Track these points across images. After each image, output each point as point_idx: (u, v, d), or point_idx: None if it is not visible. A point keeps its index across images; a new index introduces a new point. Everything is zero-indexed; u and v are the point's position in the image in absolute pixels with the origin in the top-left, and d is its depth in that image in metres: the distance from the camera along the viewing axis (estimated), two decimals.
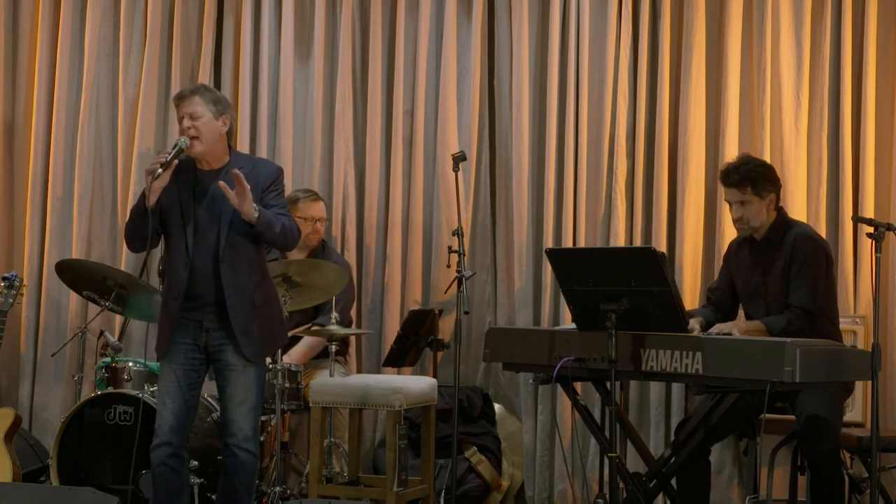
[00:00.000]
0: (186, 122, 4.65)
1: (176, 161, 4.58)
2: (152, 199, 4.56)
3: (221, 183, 4.53)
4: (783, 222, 5.01)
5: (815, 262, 4.89)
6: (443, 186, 6.31)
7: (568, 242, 6.14)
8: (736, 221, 5.02)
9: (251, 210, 4.53)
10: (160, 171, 4.53)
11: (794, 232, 4.97)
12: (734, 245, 5.21)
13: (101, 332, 5.85)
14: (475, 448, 6.05)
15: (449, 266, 5.86)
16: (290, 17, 6.52)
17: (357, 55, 6.51)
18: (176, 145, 4.61)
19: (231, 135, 4.80)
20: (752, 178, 4.95)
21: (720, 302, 5.18)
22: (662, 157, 6.06)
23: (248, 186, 4.50)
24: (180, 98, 4.72)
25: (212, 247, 4.62)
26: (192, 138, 4.63)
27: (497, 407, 6.28)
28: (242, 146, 6.48)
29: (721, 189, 5.93)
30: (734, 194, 4.98)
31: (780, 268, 4.93)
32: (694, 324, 4.88)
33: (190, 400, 4.70)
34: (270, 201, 4.69)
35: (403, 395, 5.34)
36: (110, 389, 5.54)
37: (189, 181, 4.67)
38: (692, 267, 6.00)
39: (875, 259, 4.50)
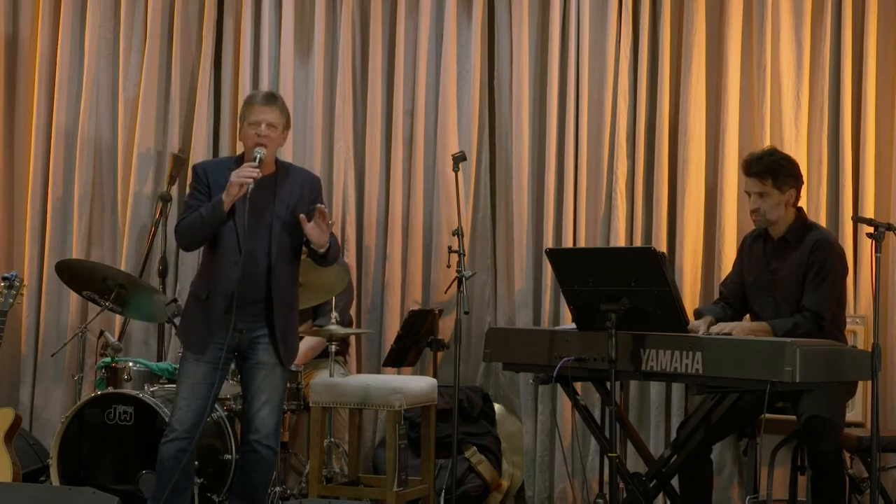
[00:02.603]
0: (265, 129, 4.70)
1: (260, 173, 4.62)
2: (230, 206, 4.59)
3: (302, 216, 4.62)
4: (802, 224, 4.97)
5: (832, 267, 4.86)
6: (443, 186, 6.31)
7: (568, 242, 6.14)
8: (753, 213, 4.96)
9: (326, 242, 4.68)
10: (251, 183, 4.57)
11: (814, 236, 4.91)
12: (748, 239, 5.17)
13: (101, 332, 5.85)
14: (475, 448, 6.05)
15: (449, 266, 5.86)
16: (290, 17, 6.52)
17: (357, 55, 6.51)
18: (256, 157, 4.64)
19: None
20: (773, 170, 4.90)
21: (733, 296, 5.13)
22: (662, 157, 6.06)
23: (332, 223, 4.66)
24: (261, 103, 4.76)
25: (263, 251, 4.69)
26: (264, 146, 4.68)
27: (497, 407, 6.27)
28: None
29: (721, 189, 5.97)
30: (754, 184, 4.92)
31: (794, 269, 4.89)
32: (700, 324, 4.86)
33: (210, 398, 4.75)
34: None
35: (403, 395, 5.35)
36: (110, 389, 5.54)
37: None
38: (692, 267, 6.00)
39: (875, 259, 4.49)
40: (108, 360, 5.69)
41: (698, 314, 5.05)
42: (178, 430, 4.69)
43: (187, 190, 5.01)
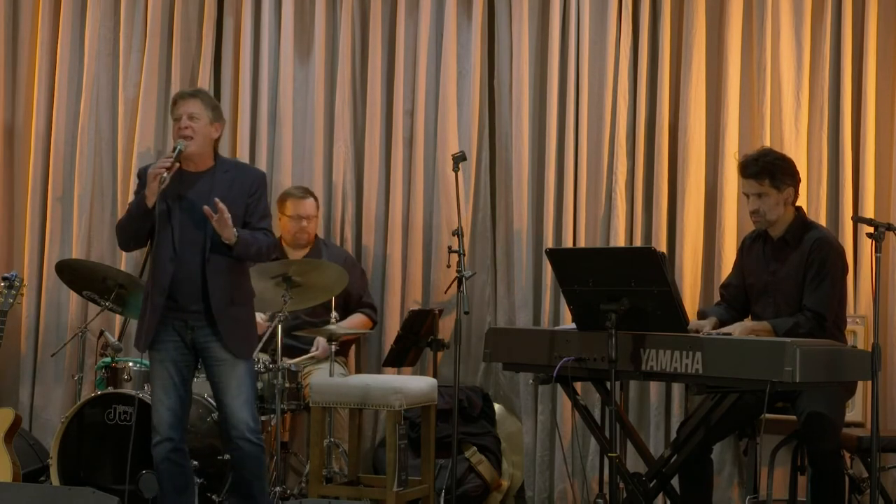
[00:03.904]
0: (185, 122, 4.76)
1: (178, 164, 4.68)
2: (153, 201, 4.65)
3: (206, 208, 4.64)
4: (801, 223, 4.96)
5: (832, 267, 4.85)
6: (443, 186, 6.30)
7: (568, 242, 6.14)
8: (752, 214, 4.96)
9: (231, 235, 4.68)
10: (166, 175, 4.62)
11: (814, 235, 4.91)
12: (747, 240, 5.17)
13: (101, 332, 5.85)
14: (475, 448, 6.05)
15: (449, 266, 5.86)
16: (290, 17, 6.51)
17: (357, 55, 6.51)
18: (175, 148, 4.71)
19: (218, 142, 4.92)
20: (770, 170, 4.90)
21: (733, 298, 5.13)
22: (662, 157, 6.06)
23: (229, 216, 4.64)
24: (181, 97, 4.84)
25: (198, 247, 4.73)
26: (187, 138, 4.73)
27: (497, 407, 6.27)
28: (242, 146, 6.48)
29: (721, 189, 5.97)
30: (751, 186, 4.92)
31: (795, 268, 4.89)
32: (705, 324, 4.85)
33: (184, 395, 4.80)
34: (254, 207, 4.83)
35: (403, 395, 5.35)
36: (110, 389, 5.55)
37: (175, 181, 4.72)
38: (692, 267, 6.00)
39: (875, 259, 4.49)
40: (108, 360, 5.70)
41: (702, 315, 5.06)
42: (160, 431, 4.76)
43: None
